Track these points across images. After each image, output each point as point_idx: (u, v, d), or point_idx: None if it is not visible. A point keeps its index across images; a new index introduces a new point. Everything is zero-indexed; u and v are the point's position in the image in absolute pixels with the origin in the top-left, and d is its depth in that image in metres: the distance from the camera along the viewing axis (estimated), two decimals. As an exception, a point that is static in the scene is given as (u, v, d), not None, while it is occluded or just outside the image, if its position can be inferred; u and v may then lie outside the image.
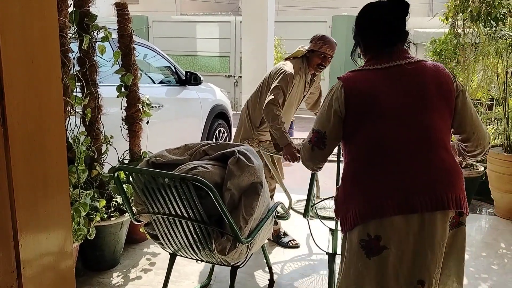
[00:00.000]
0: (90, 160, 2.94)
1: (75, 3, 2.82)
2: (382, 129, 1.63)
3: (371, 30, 1.74)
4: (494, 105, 5.19)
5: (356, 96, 1.67)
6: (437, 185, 1.58)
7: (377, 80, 1.67)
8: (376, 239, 1.59)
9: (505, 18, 4.24)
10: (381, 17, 1.71)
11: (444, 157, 1.63)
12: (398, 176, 1.60)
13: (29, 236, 1.56)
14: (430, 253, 1.58)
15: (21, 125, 1.51)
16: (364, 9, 1.76)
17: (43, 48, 1.61)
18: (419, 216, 1.56)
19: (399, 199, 1.57)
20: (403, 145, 1.61)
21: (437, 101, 1.64)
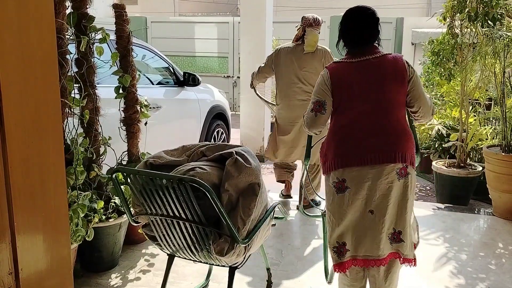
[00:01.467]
0: (88, 161, 2.94)
1: (72, 5, 2.82)
2: (353, 106, 2.27)
3: (348, 35, 2.35)
4: (492, 105, 5.20)
5: (337, 81, 2.30)
6: (387, 145, 2.21)
7: (351, 70, 2.30)
8: (343, 181, 2.26)
9: (503, 19, 4.24)
10: (356, 26, 2.33)
11: (395, 125, 2.25)
12: (359, 139, 2.24)
13: (27, 237, 1.56)
14: (378, 191, 2.21)
15: (18, 127, 1.51)
16: (345, 17, 2.38)
17: (41, 50, 1.61)
18: (370, 167, 2.20)
19: (357, 155, 2.22)
20: (365, 116, 2.25)
21: (393, 83, 2.25)
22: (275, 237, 3.56)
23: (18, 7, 1.50)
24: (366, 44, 2.30)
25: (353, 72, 2.29)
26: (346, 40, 2.35)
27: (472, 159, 4.94)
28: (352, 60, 2.31)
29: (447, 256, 3.34)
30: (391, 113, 2.24)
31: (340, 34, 2.37)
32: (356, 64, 2.29)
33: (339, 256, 2.29)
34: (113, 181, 2.30)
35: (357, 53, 2.30)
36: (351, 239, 2.27)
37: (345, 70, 2.31)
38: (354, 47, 2.33)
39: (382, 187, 2.20)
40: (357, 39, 2.31)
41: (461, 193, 4.57)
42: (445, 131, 5.31)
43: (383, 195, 2.21)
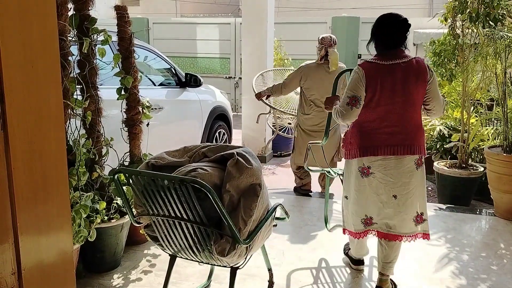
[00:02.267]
0: (90, 162, 2.95)
1: (75, 7, 2.83)
2: (382, 103, 2.59)
3: (382, 37, 2.64)
4: (494, 105, 5.20)
5: (371, 80, 2.58)
6: (408, 140, 2.62)
7: (384, 72, 2.59)
8: (368, 168, 2.67)
9: (504, 19, 4.25)
10: (390, 30, 2.62)
11: (414, 122, 2.65)
12: (385, 133, 2.62)
13: (30, 238, 1.57)
14: (400, 179, 2.64)
15: (21, 128, 1.52)
16: (380, 22, 2.65)
17: (43, 52, 1.62)
18: (394, 157, 2.62)
19: (382, 147, 2.62)
20: (392, 114, 2.60)
21: (416, 86, 2.59)
22: (276, 237, 3.56)
23: (20, 10, 1.51)
24: (396, 48, 2.62)
25: (385, 74, 2.58)
26: (379, 43, 2.65)
27: (473, 160, 4.94)
28: (384, 62, 2.60)
29: (449, 256, 3.34)
30: (413, 112, 2.63)
31: (373, 37, 2.68)
32: (388, 67, 2.59)
33: (366, 226, 2.76)
34: (115, 182, 2.31)
35: (388, 55, 2.61)
36: (377, 216, 2.72)
37: (378, 71, 2.59)
38: (385, 49, 2.63)
39: (404, 175, 2.64)
40: (389, 43, 2.62)
41: (462, 193, 4.56)
42: (447, 131, 5.31)
43: (405, 182, 2.64)
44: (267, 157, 6.46)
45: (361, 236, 2.80)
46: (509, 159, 3.99)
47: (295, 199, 4.46)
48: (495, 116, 5.01)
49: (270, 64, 6.36)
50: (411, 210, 2.68)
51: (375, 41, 2.67)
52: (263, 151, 6.39)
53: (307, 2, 17.62)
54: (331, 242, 3.54)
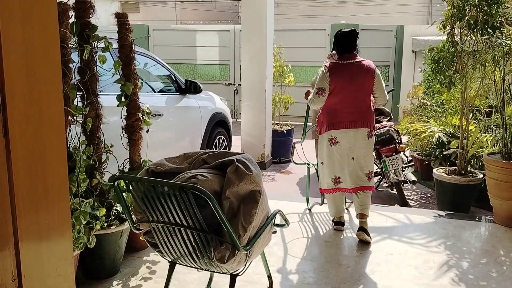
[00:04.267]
0: (90, 169, 2.96)
1: (76, 14, 2.85)
2: (342, 91, 3.59)
3: (339, 45, 3.65)
4: (493, 112, 5.21)
5: (333, 75, 3.59)
6: (362, 118, 3.61)
7: (342, 68, 3.60)
8: (335, 138, 3.65)
9: (502, 27, 4.27)
10: (343, 39, 3.63)
11: (366, 104, 3.64)
12: (345, 113, 3.60)
13: (30, 244, 1.57)
14: (356, 145, 3.63)
15: (22, 135, 1.53)
16: (338, 34, 3.67)
17: (44, 59, 1.64)
18: (353, 130, 3.61)
19: (344, 122, 3.60)
20: (349, 98, 3.60)
21: (365, 79, 3.59)
22: (276, 244, 3.56)
23: (23, 17, 1.52)
24: (350, 52, 3.63)
25: (343, 70, 3.59)
26: (339, 49, 3.66)
27: (472, 167, 4.95)
28: (343, 61, 3.62)
29: (448, 263, 3.33)
30: (364, 97, 3.62)
31: (334, 45, 3.71)
32: (345, 65, 3.61)
33: (335, 184, 3.74)
34: (115, 188, 2.32)
35: (344, 57, 3.62)
36: (342, 175, 3.71)
37: (338, 68, 3.61)
38: (343, 52, 3.64)
39: (359, 142, 3.61)
40: (346, 48, 3.63)
41: (462, 200, 4.57)
42: (446, 138, 5.32)
43: (359, 148, 3.63)
44: (266, 164, 6.47)
45: (332, 191, 3.77)
46: (508, 166, 3.99)
47: (294, 206, 4.46)
48: (494, 123, 5.02)
49: (270, 71, 6.39)
50: (365, 169, 3.67)
51: (336, 48, 3.68)
52: (262, 157, 6.39)
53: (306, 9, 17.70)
54: (330, 249, 3.54)
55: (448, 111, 5.81)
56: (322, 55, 10.22)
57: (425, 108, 6.63)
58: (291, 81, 7.04)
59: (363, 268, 3.22)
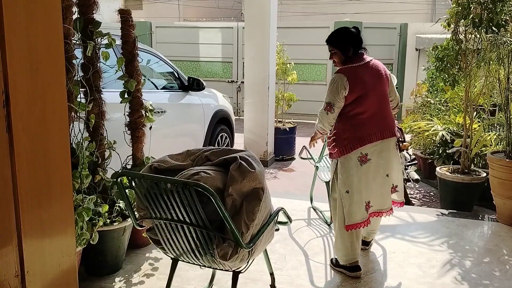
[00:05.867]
0: (93, 165, 2.96)
1: (79, 11, 2.85)
2: (367, 101, 2.96)
3: (356, 44, 3.00)
4: (497, 111, 5.19)
5: (354, 82, 2.92)
6: (389, 126, 3.05)
7: (362, 73, 2.97)
8: (366, 155, 2.99)
9: (507, 25, 4.25)
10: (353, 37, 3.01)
11: (389, 110, 3.12)
12: (373, 123, 2.98)
13: (33, 240, 1.57)
14: (389, 159, 3.06)
15: (25, 131, 1.53)
16: (343, 31, 3.06)
17: (48, 55, 1.63)
18: (383, 141, 3.01)
19: (373, 135, 2.97)
20: (375, 106, 2.99)
21: (383, 83, 3.05)
22: (278, 241, 3.56)
23: (26, 13, 1.52)
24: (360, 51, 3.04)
25: (363, 72, 2.97)
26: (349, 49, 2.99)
27: (476, 165, 4.93)
28: (353, 64, 2.99)
29: (451, 262, 3.33)
30: (386, 102, 3.09)
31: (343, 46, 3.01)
32: (362, 66, 2.98)
33: (367, 211, 3.03)
34: (117, 185, 2.32)
35: (357, 58, 3.00)
36: (374, 198, 3.05)
37: (357, 72, 2.97)
38: (354, 53, 3.01)
39: (391, 155, 3.06)
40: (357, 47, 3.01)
41: (465, 199, 4.55)
42: (449, 137, 5.30)
43: (391, 161, 3.07)
44: (269, 161, 6.46)
45: (367, 223, 3.04)
46: (511, 165, 3.98)
47: (296, 204, 4.46)
48: (497, 121, 5.00)
49: (272, 68, 6.38)
50: (391, 184, 3.15)
51: (352, 49, 2.99)
52: (265, 155, 6.39)
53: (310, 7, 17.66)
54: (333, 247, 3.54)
55: (452, 110, 5.79)
56: (325, 52, 10.14)
57: (428, 106, 6.61)
58: (294, 78, 7.02)
59: (366, 267, 3.22)
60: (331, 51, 3.06)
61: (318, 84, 10.38)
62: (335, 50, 3.03)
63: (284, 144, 6.87)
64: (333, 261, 3.23)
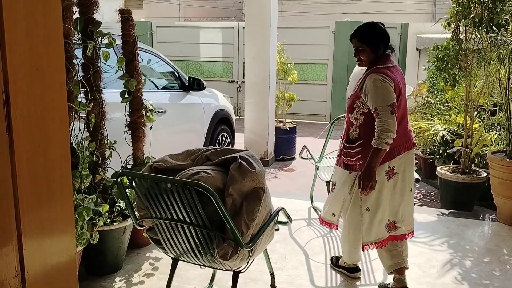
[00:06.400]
0: (93, 165, 2.96)
1: (79, 10, 2.85)
2: (402, 103, 2.67)
3: (380, 42, 2.68)
4: (497, 111, 5.19)
5: (396, 83, 2.62)
6: (411, 136, 2.79)
7: (396, 74, 2.66)
8: (393, 169, 2.68)
9: (507, 25, 4.24)
10: (384, 35, 2.71)
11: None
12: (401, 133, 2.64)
13: (33, 240, 1.57)
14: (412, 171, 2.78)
15: (25, 131, 1.53)
16: (377, 26, 2.72)
17: (48, 55, 1.63)
18: (410, 152, 2.73)
19: (401, 146, 2.68)
20: (405, 111, 2.73)
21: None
22: (278, 241, 3.56)
23: (26, 13, 1.52)
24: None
25: (397, 75, 2.68)
26: (382, 48, 2.69)
27: (476, 165, 4.93)
28: (388, 65, 2.67)
29: (452, 262, 3.32)
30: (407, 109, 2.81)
31: (378, 42, 2.69)
32: (393, 69, 2.68)
33: (388, 231, 2.77)
34: (118, 184, 2.32)
35: (388, 60, 2.69)
36: (397, 217, 2.76)
37: (394, 74, 2.65)
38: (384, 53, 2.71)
39: (413, 167, 2.78)
40: (388, 47, 2.74)
41: (465, 199, 4.55)
42: (450, 136, 5.30)
43: (413, 174, 2.80)
44: (269, 161, 6.46)
45: (384, 244, 2.77)
46: (512, 165, 3.98)
47: (297, 203, 4.46)
48: (498, 121, 5.00)
49: (273, 68, 6.38)
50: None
51: (375, 47, 2.67)
52: (265, 155, 6.39)
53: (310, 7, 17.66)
54: (334, 247, 3.54)
55: (452, 109, 5.79)
56: (326, 52, 10.21)
57: (429, 106, 6.60)
58: (295, 78, 7.02)
59: (366, 266, 3.22)
60: (359, 47, 2.71)
61: (318, 84, 10.38)
62: (363, 47, 2.68)
63: (285, 144, 6.87)
64: (332, 260, 3.22)
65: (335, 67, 10.20)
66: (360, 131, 2.71)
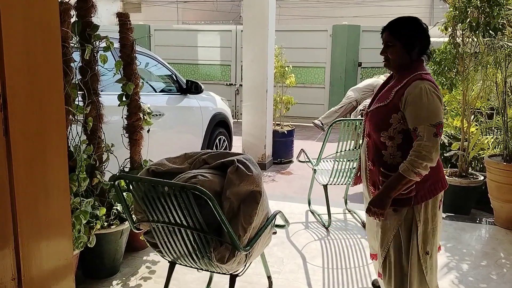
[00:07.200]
0: (91, 168, 2.96)
1: (77, 14, 2.85)
2: None
3: (417, 41, 2.22)
4: (494, 114, 5.21)
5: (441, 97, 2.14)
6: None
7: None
8: (441, 200, 2.36)
9: (504, 29, 4.26)
10: (425, 35, 2.26)
11: None
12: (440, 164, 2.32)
13: (30, 243, 1.57)
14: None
15: (23, 134, 1.53)
16: (413, 21, 2.27)
17: (46, 59, 1.64)
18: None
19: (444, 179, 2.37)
20: None
21: None
22: (276, 245, 3.56)
23: (24, 16, 1.52)
24: None
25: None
26: (423, 50, 2.22)
27: (473, 169, 4.94)
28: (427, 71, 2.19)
29: (449, 265, 3.33)
30: None
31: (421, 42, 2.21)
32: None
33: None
34: (115, 188, 2.32)
35: (422, 64, 2.23)
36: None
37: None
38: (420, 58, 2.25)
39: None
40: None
41: (462, 202, 4.55)
42: (447, 140, 5.31)
43: None
44: (267, 164, 6.46)
45: None
46: (509, 168, 3.99)
47: (294, 207, 4.46)
48: (495, 125, 5.01)
49: (271, 71, 6.38)
50: None
51: (410, 45, 2.19)
52: (263, 158, 6.39)
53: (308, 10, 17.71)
54: (331, 250, 3.54)
55: (450, 113, 5.80)
56: (323, 56, 10.23)
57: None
58: (292, 82, 7.03)
59: (364, 270, 3.22)
60: (388, 43, 2.23)
61: (316, 87, 10.39)
62: (394, 42, 2.21)
63: (282, 147, 6.87)
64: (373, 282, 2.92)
65: (332, 71, 10.22)
66: (402, 153, 2.14)
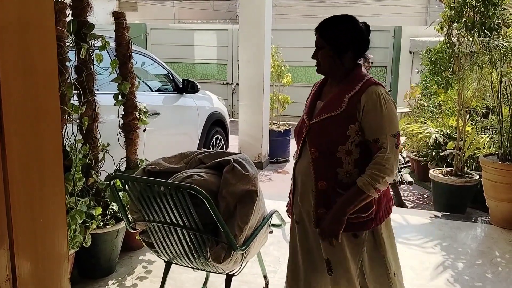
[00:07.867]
0: (86, 167, 2.95)
1: (73, 13, 2.84)
2: None
3: (354, 44, 1.98)
4: (489, 114, 5.23)
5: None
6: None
7: None
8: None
9: (499, 28, 4.28)
10: (360, 36, 2.02)
11: None
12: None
13: (25, 243, 1.57)
14: None
15: (18, 133, 1.52)
16: (346, 21, 2.02)
17: (41, 58, 1.63)
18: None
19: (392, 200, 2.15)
20: None
21: None
22: (272, 244, 3.56)
23: (19, 15, 1.51)
24: None
25: None
26: (363, 51, 2.03)
27: (469, 168, 4.96)
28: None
29: (444, 264, 3.34)
30: None
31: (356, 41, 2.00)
32: None
33: None
34: (111, 187, 2.31)
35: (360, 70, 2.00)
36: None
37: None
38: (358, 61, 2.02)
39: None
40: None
41: (458, 201, 4.58)
42: (442, 139, 5.33)
43: None
44: (263, 163, 6.46)
45: None
46: (504, 167, 4.01)
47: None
48: (490, 124, 5.04)
49: (267, 70, 6.39)
50: None
51: (339, 49, 1.94)
52: (259, 157, 6.39)
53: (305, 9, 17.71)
54: (327, 249, 3.54)
55: (445, 112, 5.82)
56: (319, 55, 10.24)
57: (422, 109, 6.64)
58: (289, 81, 7.04)
59: (359, 269, 3.22)
60: (318, 45, 1.97)
61: (312, 86, 10.41)
62: (324, 45, 1.95)
63: (279, 146, 6.88)
64: None
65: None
66: (359, 170, 1.87)
